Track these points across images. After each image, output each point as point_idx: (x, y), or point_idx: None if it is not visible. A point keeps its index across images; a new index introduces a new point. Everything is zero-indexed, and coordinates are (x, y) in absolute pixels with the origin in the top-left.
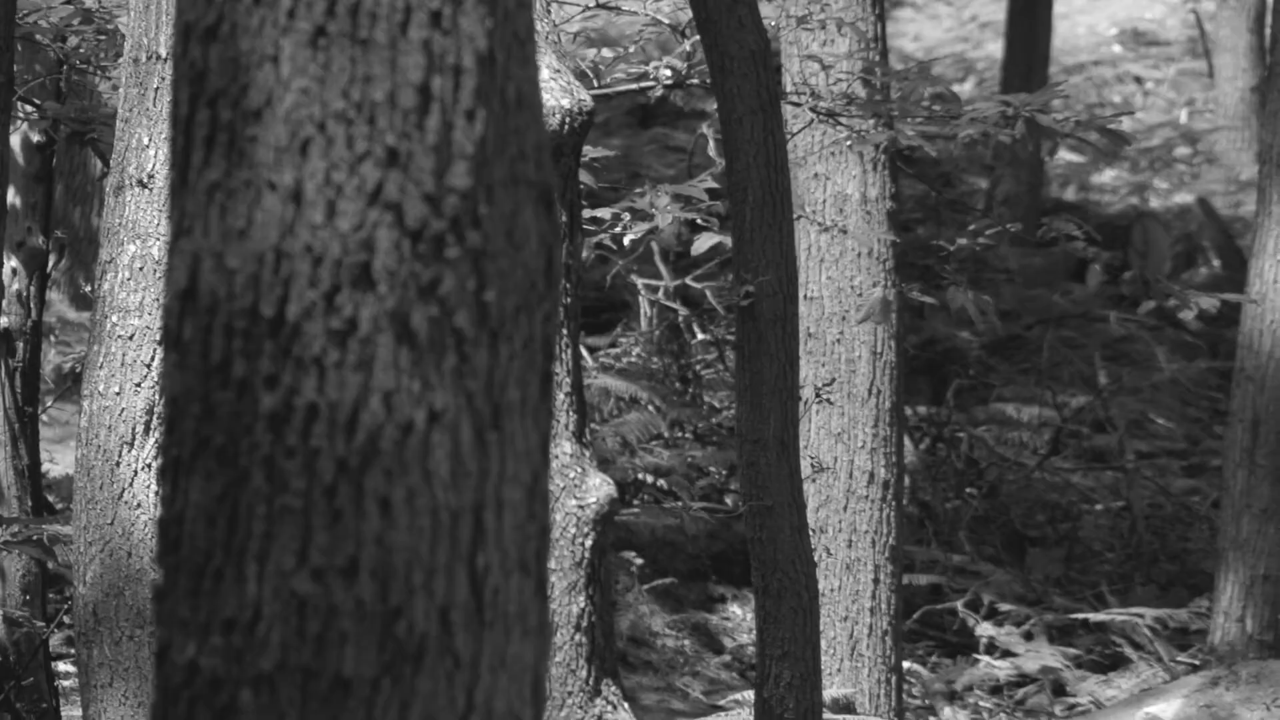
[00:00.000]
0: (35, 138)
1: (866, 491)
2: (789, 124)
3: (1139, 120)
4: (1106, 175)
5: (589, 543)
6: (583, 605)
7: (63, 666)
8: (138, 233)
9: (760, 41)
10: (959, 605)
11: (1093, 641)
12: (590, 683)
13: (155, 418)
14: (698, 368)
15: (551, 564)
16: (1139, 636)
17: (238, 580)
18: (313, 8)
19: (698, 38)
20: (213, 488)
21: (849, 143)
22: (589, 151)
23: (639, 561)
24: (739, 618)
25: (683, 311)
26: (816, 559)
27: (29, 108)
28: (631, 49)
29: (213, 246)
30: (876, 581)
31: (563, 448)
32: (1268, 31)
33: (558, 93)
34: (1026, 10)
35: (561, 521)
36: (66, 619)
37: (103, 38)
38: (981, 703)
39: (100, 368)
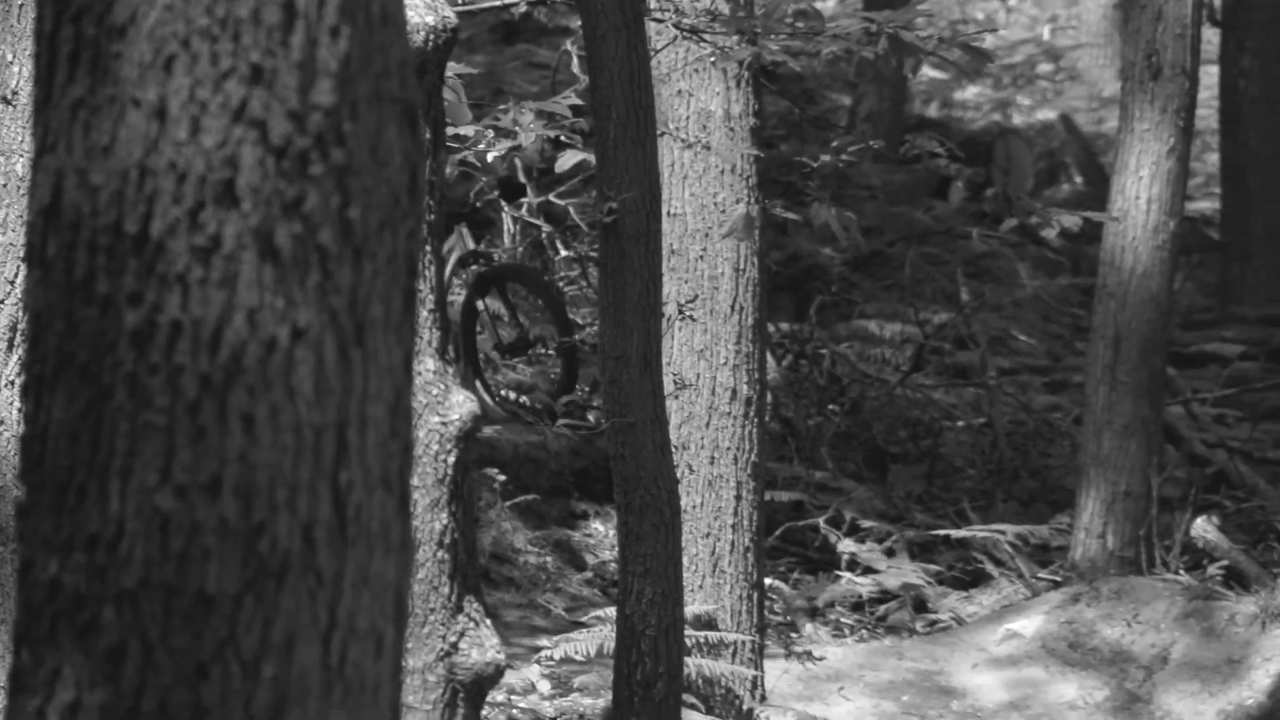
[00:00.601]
0: None
1: (729, 408)
2: (653, 40)
3: (1002, 37)
4: (969, 92)
5: (452, 460)
6: (445, 522)
7: None
8: (1, 149)
9: None
10: (821, 522)
11: (954, 558)
12: (453, 600)
13: (19, 334)
14: (561, 284)
15: (414, 481)
16: (1000, 553)
17: (101, 497)
18: None
19: None
20: (76, 405)
21: (713, 59)
22: (453, 68)
23: (501, 478)
24: (601, 534)
25: (546, 229)
26: (679, 476)
27: None
28: None
29: (76, 163)
30: (738, 498)
31: (426, 365)
32: None
33: (422, 9)
34: None
35: (424, 438)
36: None
37: None
38: (843, 619)
39: None
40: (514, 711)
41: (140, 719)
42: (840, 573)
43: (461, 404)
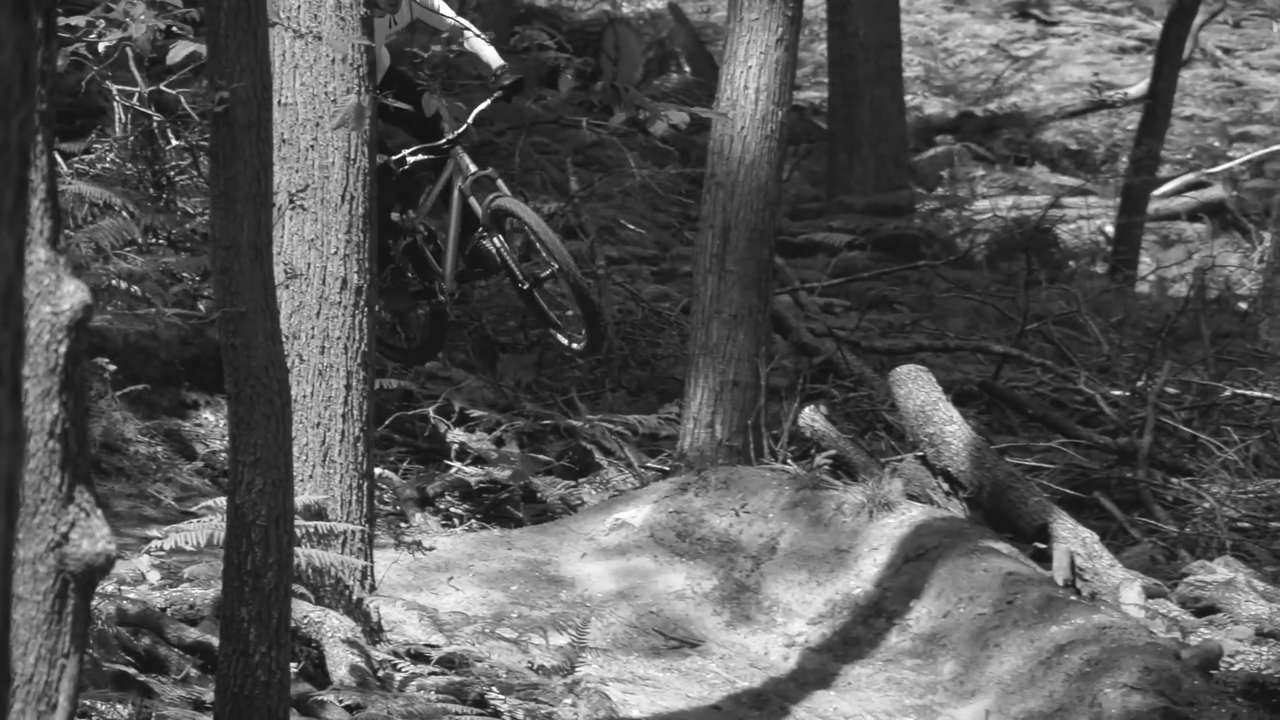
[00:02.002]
0: None
1: (339, 298)
2: None
3: None
4: None
5: (63, 349)
6: (56, 412)
7: None
8: None
9: None
10: (430, 411)
11: (563, 447)
12: (64, 490)
13: None
14: (172, 174)
15: (26, 371)
16: (609, 442)
17: None
18: None
19: None
20: None
21: None
22: None
23: (112, 368)
24: (212, 424)
25: (157, 118)
26: (289, 365)
27: None
28: None
29: None
30: (349, 388)
31: (37, 254)
32: None
33: None
34: None
35: (35, 328)
36: None
37: None
38: (453, 508)
39: None
40: (123, 602)
41: None
42: (450, 462)
43: (73, 293)
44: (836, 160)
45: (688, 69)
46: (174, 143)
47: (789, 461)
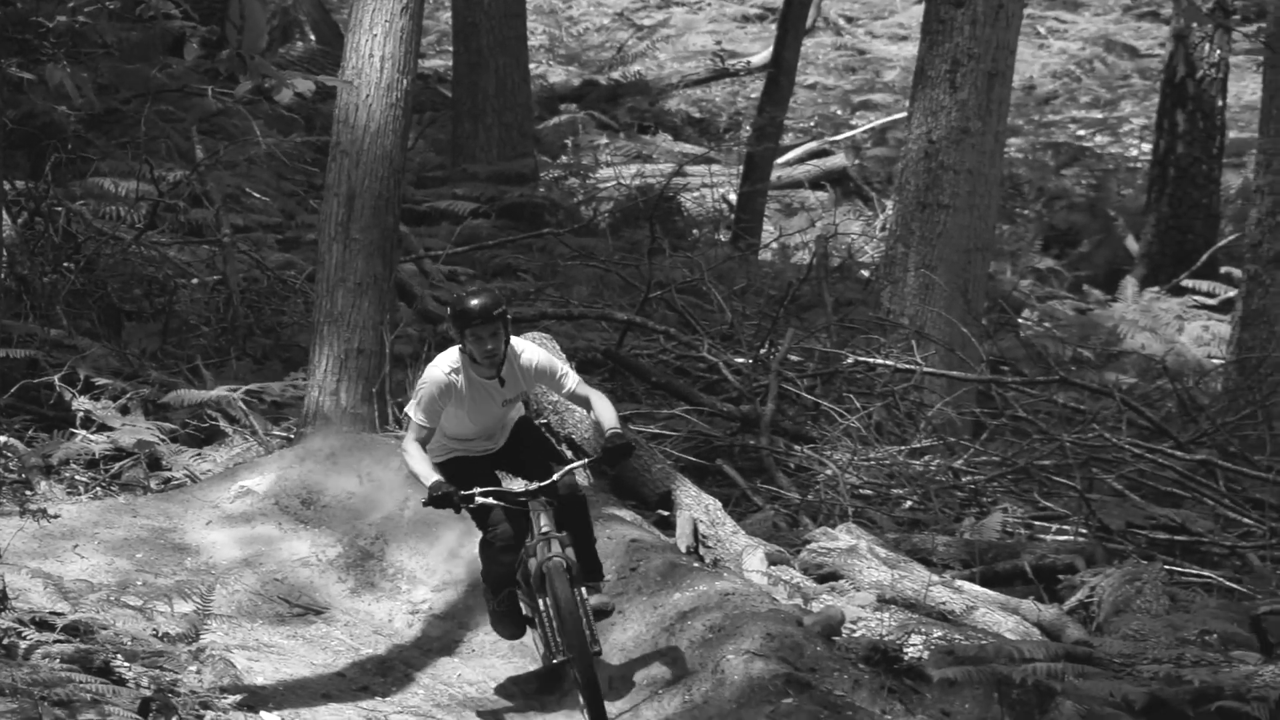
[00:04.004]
0: None
1: None
2: None
3: None
4: None
5: None
6: None
7: None
8: None
9: None
10: (56, 379)
11: (189, 415)
12: None
13: None
14: None
15: None
16: (235, 410)
17: None
18: None
19: None
20: None
21: None
22: None
23: None
24: None
25: None
26: None
27: None
28: None
29: None
30: None
31: None
32: None
33: None
34: None
35: None
36: None
37: None
38: (78, 476)
39: None
40: None
41: None
42: (75, 430)
43: None
44: (461, 128)
45: (313, 37)
46: None
47: None
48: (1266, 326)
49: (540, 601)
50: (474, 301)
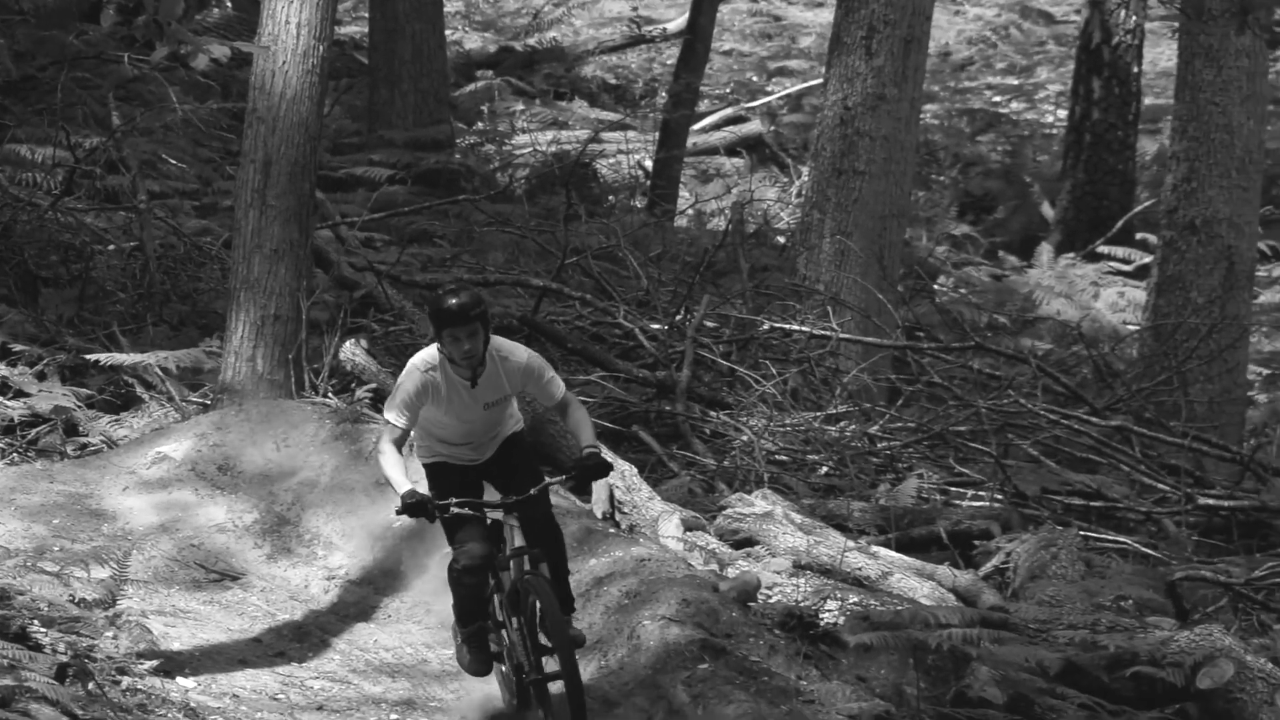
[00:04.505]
0: None
1: None
2: None
3: None
4: None
5: None
6: None
7: None
8: None
9: None
10: None
11: (105, 381)
12: None
13: None
14: None
15: None
16: (151, 376)
17: None
18: None
19: None
20: None
21: None
22: None
23: None
24: None
25: None
26: None
27: None
28: None
29: None
30: None
31: None
32: None
33: None
34: None
35: None
36: None
37: None
38: None
39: None
40: None
41: None
42: None
43: None
44: (377, 95)
45: (229, 3)
46: None
47: (330, 395)
48: (1182, 292)
49: (513, 620)
50: (451, 301)
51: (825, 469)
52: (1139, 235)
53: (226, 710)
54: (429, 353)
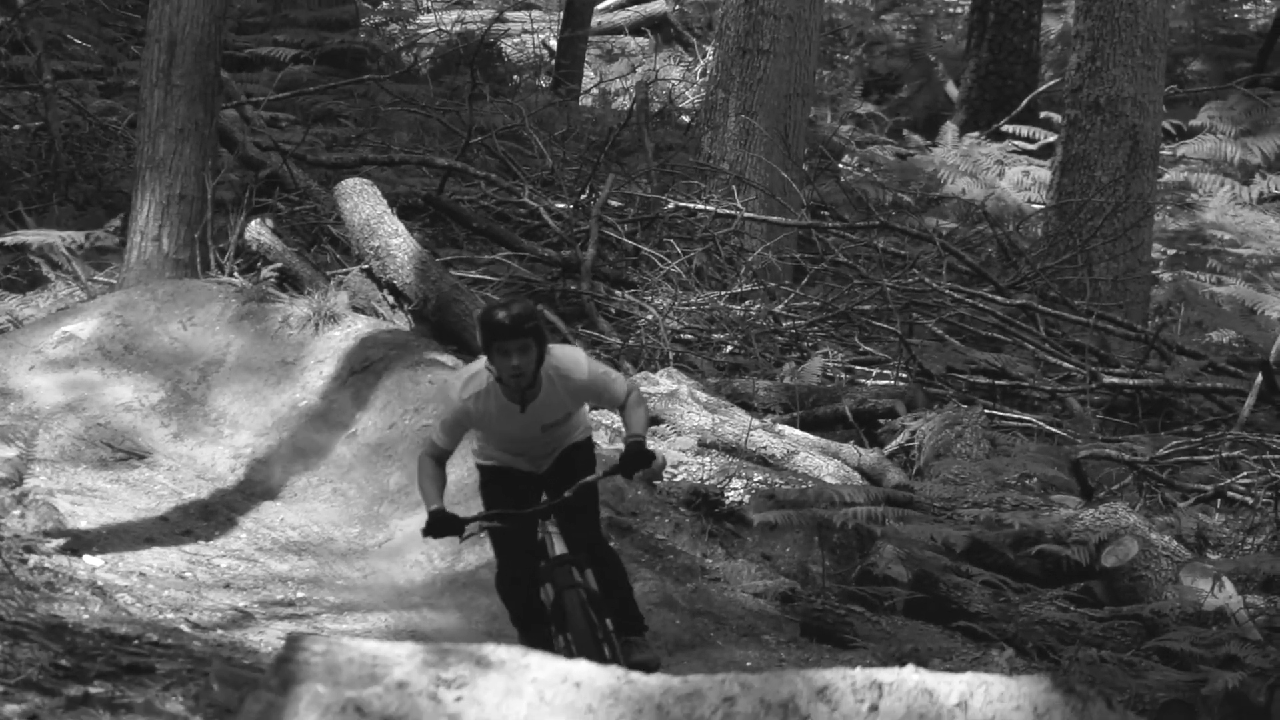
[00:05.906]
0: None
1: None
2: None
3: None
4: None
5: None
6: None
7: None
8: None
9: None
10: None
11: (11, 261)
12: None
13: None
14: None
15: None
16: (57, 256)
17: None
18: None
19: None
20: None
21: None
22: None
23: None
24: None
25: None
26: None
27: None
28: None
29: None
30: None
31: None
32: None
33: None
34: None
35: None
36: None
37: None
38: None
39: None
40: None
41: None
42: None
43: None
44: None
45: None
46: None
47: (236, 274)
48: (1086, 171)
49: (559, 639)
50: (500, 313)
51: (730, 348)
52: (1043, 114)
53: (134, 588)
54: (473, 371)
